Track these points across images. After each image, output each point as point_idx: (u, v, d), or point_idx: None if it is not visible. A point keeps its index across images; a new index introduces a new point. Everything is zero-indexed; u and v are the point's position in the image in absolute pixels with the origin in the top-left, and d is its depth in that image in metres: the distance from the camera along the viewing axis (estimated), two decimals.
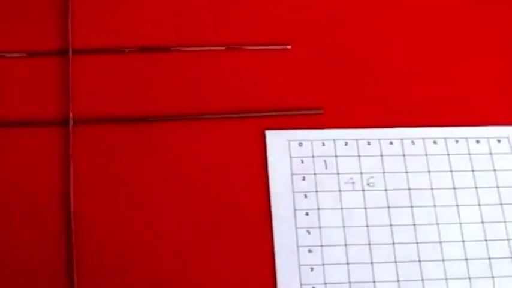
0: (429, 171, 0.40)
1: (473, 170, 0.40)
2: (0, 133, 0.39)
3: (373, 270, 0.37)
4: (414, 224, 0.39)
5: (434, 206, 0.39)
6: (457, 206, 0.39)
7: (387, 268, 0.37)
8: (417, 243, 0.38)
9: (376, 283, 0.37)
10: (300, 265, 0.37)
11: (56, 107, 0.40)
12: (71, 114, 0.40)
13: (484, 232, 0.38)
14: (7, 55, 0.42)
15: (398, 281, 0.37)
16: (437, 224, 0.39)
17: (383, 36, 0.45)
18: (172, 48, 0.43)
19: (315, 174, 0.40)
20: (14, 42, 0.42)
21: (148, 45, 0.43)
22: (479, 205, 0.39)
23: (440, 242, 0.38)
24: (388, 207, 0.39)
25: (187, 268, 0.36)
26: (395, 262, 0.37)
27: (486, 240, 0.38)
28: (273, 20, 0.44)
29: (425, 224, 0.39)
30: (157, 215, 0.37)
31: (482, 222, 0.39)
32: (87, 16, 0.43)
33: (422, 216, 0.39)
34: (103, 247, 0.37)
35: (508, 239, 0.39)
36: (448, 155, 0.41)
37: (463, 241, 0.38)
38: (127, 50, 0.42)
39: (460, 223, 0.39)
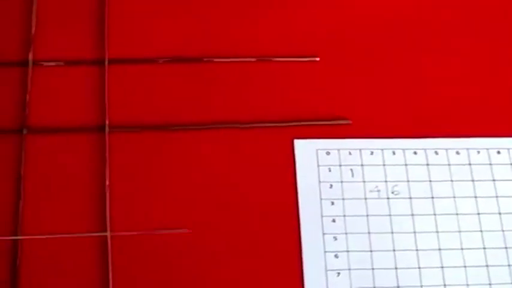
0: (451, 181, 0.40)
1: (494, 180, 0.41)
2: (38, 139, 0.39)
3: (397, 275, 0.37)
4: (437, 232, 0.39)
5: (457, 214, 0.39)
6: (478, 214, 0.39)
7: (411, 274, 0.37)
8: (440, 249, 0.38)
9: None
10: (326, 270, 0.37)
11: (92, 114, 0.40)
12: (107, 122, 0.39)
13: (504, 239, 0.38)
14: (45, 64, 0.41)
15: (421, 286, 0.37)
16: (459, 231, 0.39)
17: (408, 49, 0.45)
18: (204, 59, 0.43)
19: (341, 182, 0.40)
20: (52, 51, 0.42)
21: (181, 55, 0.43)
22: (499, 214, 0.39)
23: (462, 249, 0.38)
24: (412, 214, 0.39)
25: (217, 271, 0.37)
26: (419, 268, 0.37)
27: (506, 248, 0.38)
28: (302, 32, 0.45)
29: (448, 232, 0.39)
30: (189, 220, 0.37)
31: (503, 231, 0.39)
32: (123, 27, 0.44)
33: (445, 223, 0.39)
34: (139, 249, 0.37)
35: None
36: (470, 164, 0.41)
37: (484, 248, 0.38)
38: (161, 61, 0.42)
39: (481, 231, 0.39)
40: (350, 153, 0.41)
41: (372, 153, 0.41)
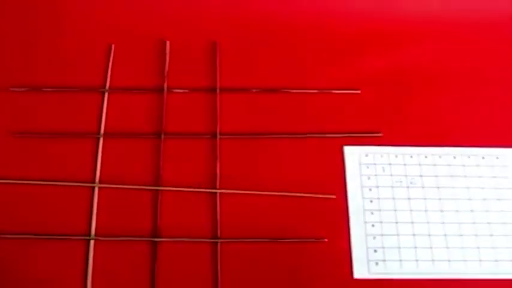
0: (451, 176, 0.48)
1: (480, 177, 0.48)
2: (172, 142, 0.47)
3: (414, 240, 0.45)
4: (442, 210, 0.47)
5: (454, 199, 0.47)
6: (470, 200, 0.47)
7: (423, 239, 0.45)
8: (443, 223, 0.46)
9: (417, 249, 0.45)
10: (366, 235, 0.45)
11: (207, 125, 0.48)
12: (218, 130, 0.48)
13: (488, 218, 0.46)
14: (175, 90, 0.50)
15: (431, 247, 0.45)
16: (457, 211, 0.46)
17: (423, 87, 0.51)
18: (283, 90, 0.50)
19: (376, 175, 0.48)
20: (180, 81, 0.50)
21: (266, 87, 0.50)
22: (484, 199, 0.47)
23: (459, 224, 0.46)
24: (424, 198, 0.47)
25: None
26: (429, 235, 0.45)
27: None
28: (349, 72, 0.51)
29: (450, 211, 0.46)
30: (260, 202, 0.46)
31: (487, 211, 0.47)
32: (229, 67, 0.51)
33: (448, 205, 0.47)
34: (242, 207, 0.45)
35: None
36: (464, 166, 0.48)
37: (474, 223, 0.46)
38: (254, 90, 0.50)
39: (472, 211, 0.47)
40: (381, 156, 0.49)
41: (396, 156, 0.49)
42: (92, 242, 0.44)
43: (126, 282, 0.43)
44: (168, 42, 0.52)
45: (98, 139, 0.47)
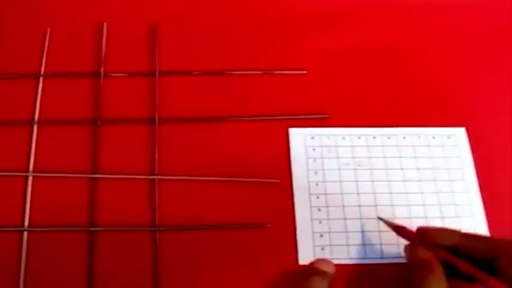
0: (400, 157, 0.46)
1: (430, 157, 0.46)
2: (108, 129, 0.45)
3: (361, 223, 0.43)
4: (391, 193, 0.45)
5: (404, 181, 0.45)
6: (420, 181, 0.45)
7: (372, 222, 0.43)
8: (392, 205, 0.44)
9: (365, 233, 0.43)
10: (312, 220, 0.43)
11: (146, 111, 0.46)
12: (157, 115, 0.46)
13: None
14: (113, 74, 0.48)
15: (379, 231, 0.43)
16: (406, 193, 0.45)
17: (367, 68, 0.49)
18: (226, 72, 0.48)
19: (322, 158, 0.46)
20: (118, 65, 0.48)
21: (208, 69, 0.48)
22: (435, 180, 0.45)
23: (409, 206, 0.44)
24: (372, 181, 0.45)
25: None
26: (377, 219, 0.44)
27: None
28: (295, 53, 0.49)
29: (398, 193, 0.45)
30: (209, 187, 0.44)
31: (437, 192, 0.45)
32: (169, 49, 0.49)
33: (396, 187, 0.45)
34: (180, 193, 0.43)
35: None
36: (413, 146, 0.46)
37: (424, 205, 0.44)
38: (195, 73, 0.48)
39: (422, 193, 0.45)
40: (328, 138, 0.46)
41: (343, 138, 0.46)
42: (25, 234, 0.41)
43: (62, 273, 0.40)
44: (105, 25, 0.49)
45: (32, 126, 0.45)
